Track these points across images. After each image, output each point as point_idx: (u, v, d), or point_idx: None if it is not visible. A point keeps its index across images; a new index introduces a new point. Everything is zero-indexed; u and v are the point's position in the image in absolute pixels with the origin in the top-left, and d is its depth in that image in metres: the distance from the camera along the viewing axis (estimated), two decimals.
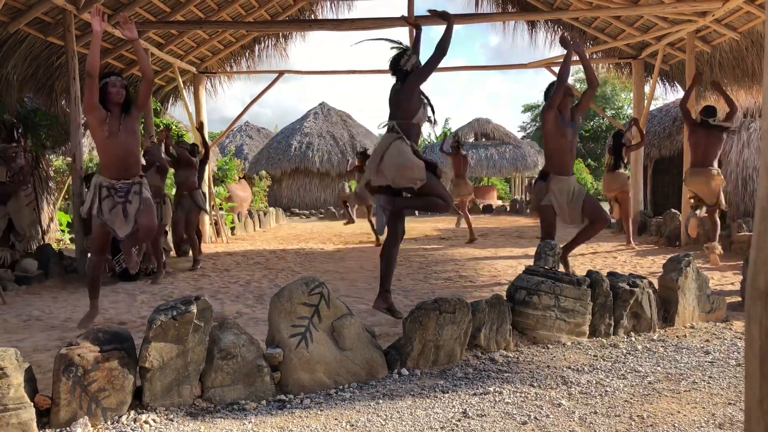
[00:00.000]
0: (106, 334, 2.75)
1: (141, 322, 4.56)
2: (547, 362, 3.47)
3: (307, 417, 2.73)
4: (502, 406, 2.81)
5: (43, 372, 3.19)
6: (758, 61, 8.59)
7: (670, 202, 12.37)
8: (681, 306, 4.26)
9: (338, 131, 24.04)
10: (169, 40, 9.85)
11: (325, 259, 8.75)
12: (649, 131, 13.13)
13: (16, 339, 4.16)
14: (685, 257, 4.40)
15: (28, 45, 7.72)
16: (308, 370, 3.06)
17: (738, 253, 7.90)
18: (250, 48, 11.53)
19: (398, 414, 2.74)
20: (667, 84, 11.33)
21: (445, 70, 12.29)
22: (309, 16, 10.93)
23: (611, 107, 32.69)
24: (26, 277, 6.55)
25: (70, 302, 5.67)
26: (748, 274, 0.90)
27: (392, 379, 3.22)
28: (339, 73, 12.50)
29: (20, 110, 8.24)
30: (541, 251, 6.18)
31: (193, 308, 2.82)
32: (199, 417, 2.72)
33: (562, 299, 3.81)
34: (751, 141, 11.49)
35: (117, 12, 8.11)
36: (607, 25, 10.24)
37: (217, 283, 6.65)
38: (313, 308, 3.13)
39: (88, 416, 2.60)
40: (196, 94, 11.51)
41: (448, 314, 3.37)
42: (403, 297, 5.54)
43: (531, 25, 10.83)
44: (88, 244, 7.36)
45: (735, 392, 2.95)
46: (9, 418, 2.41)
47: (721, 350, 3.68)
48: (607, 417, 2.67)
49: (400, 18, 7.32)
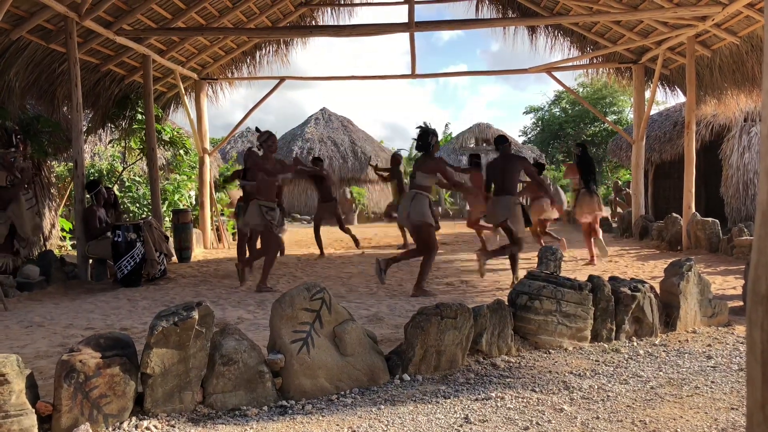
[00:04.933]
0: (108, 340, 2.75)
1: (143, 328, 4.56)
2: (548, 367, 3.46)
3: (308, 423, 2.73)
4: (504, 412, 2.81)
5: (45, 378, 3.19)
6: (758, 65, 8.59)
7: (671, 207, 12.37)
8: (683, 310, 4.26)
9: (339, 137, 24.06)
10: (171, 46, 9.89)
11: (326, 265, 8.75)
12: (650, 135, 13.14)
13: (18, 345, 4.16)
14: (687, 262, 4.39)
15: (30, 52, 7.75)
16: (310, 375, 3.05)
17: (739, 258, 7.88)
18: (251, 54, 11.55)
19: (400, 420, 2.73)
20: (668, 88, 11.35)
21: (447, 76, 12.32)
22: (310, 22, 10.97)
23: (613, 112, 32.73)
24: (28, 283, 6.56)
25: (71, 308, 5.67)
26: (749, 279, 0.90)
27: (394, 384, 3.22)
28: (340, 78, 12.53)
29: (22, 117, 8.26)
30: (543, 256, 6.19)
31: (195, 314, 2.82)
32: (200, 423, 2.72)
33: (563, 304, 3.80)
34: (752, 145, 11.50)
35: (119, 18, 8.15)
36: (608, 29, 10.26)
37: (219, 289, 6.65)
38: (315, 314, 3.13)
39: (90, 422, 2.60)
40: (197, 100, 11.54)
41: (449, 319, 3.37)
42: (404, 302, 5.53)
43: (531, 31, 10.85)
44: (90, 251, 7.39)
45: (737, 397, 2.95)
46: (11, 424, 2.40)
47: (724, 355, 3.67)
48: (610, 422, 2.66)
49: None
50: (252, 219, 6.66)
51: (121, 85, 10.11)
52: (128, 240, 6.95)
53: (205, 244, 11.18)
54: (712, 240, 8.72)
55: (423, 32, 10.45)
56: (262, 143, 6.64)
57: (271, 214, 6.56)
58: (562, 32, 10.84)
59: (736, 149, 11.62)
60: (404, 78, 11.88)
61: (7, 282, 6.31)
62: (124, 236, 6.95)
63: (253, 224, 6.71)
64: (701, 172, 12.57)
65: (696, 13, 8.01)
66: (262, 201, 6.60)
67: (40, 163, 8.74)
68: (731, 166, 11.63)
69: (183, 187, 12.53)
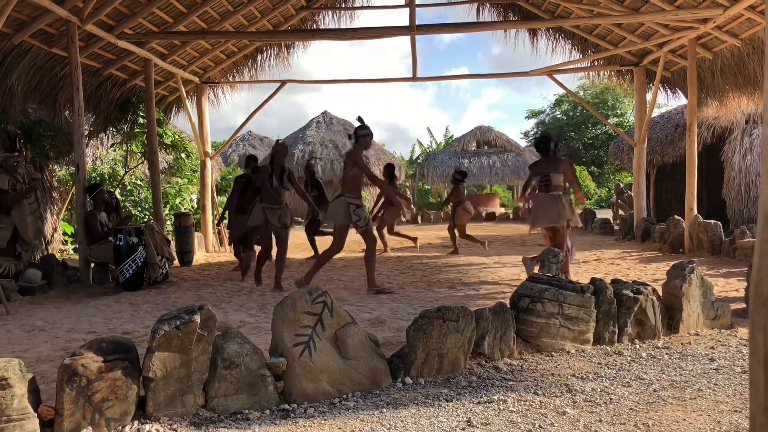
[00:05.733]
0: (110, 344, 2.75)
1: (144, 331, 4.56)
2: (551, 370, 3.46)
3: (310, 426, 2.72)
4: (507, 415, 2.80)
5: (47, 382, 3.19)
6: (759, 68, 8.59)
7: (673, 209, 12.36)
8: (685, 313, 4.25)
9: (340, 140, 24.08)
10: (172, 50, 9.91)
11: (328, 268, 8.75)
12: (651, 138, 13.14)
13: (20, 349, 4.16)
14: (689, 264, 4.38)
15: (32, 56, 7.78)
16: (312, 379, 3.05)
17: (742, 260, 7.87)
18: (252, 58, 11.58)
19: (402, 423, 2.73)
20: (669, 91, 11.35)
21: (448, 79, 12.34)
22: (311, 25, 10.99)
23: (615, 114, 32.74)
24: (30, 287, 6.56)
25: (73, 312, 5.67)
26: (751, 281, 0.89)
27: (396, 387, 3.21)
28: (341, 82, 12.56)
29: (24, 121, 8.28)
30: (545, 259, 6.18)
31: (197, 318, 2.82)
32: (202, 427, 2.72)
33: (565, 307, 3.80)
34: (754, 147, 11.49)
35: (120, 22, 8.17)
36: (609, 32, 10.26)
37: (220, 292, 6.65)
38: (317, 317, 3.13)
39: (92, 426, 2.60)
40: (198, 104, 11.56)
41: (451, 322, 3.36)
42: (406, 305, 5.53)
43: (532, 33, 10.87)
44: (92, 254, 7.40)
45: (741, 400, 2.94)
46: (13, 428, 2.41)
47: (726, 357, 3.66)
48: (612, 425, 2.66)
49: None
50: (336, 215, 6.21)
51: (123, 88, 10.14)
52: (130, 244, 6.95)
53: (206, 247, 11.19)
54: (715, 242, 8.70)
55: (424, 35, 10.46)
56: (360, 136, 6.15)
57: (357, 213, 6.15)
58: (563, 35, 10.85)
59: (737, 151, 11.62)
60: (405, 81, 11.90)
61: (9, 286, 6.32)
62: (125, 240, 6.95)
63: (338, 222, 6.23)
64: (703, 175, 12.57)
65: (697, 15, 8.02)
66: (349, 197, 6.18)
67: (41, 167, 8.76)
68: (733, 168, 11.63)
69: (185, 191, 12.55)
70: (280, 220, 6.79)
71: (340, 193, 6.34)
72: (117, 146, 11.52)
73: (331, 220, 6.45)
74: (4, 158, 6.97)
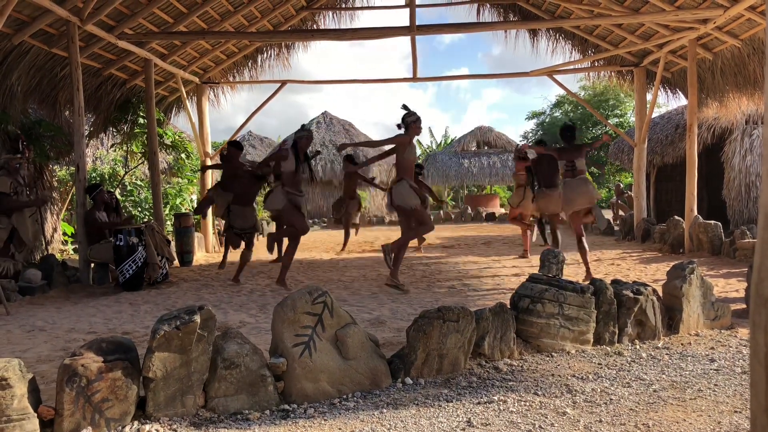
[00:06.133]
0: (110, 344, 2.75)
1: (144, 332, 4.56)
2: (551, 370, 3.46)
3: (310, 427, 2.72)
4: (507, 415, 2.80)
5: (47, 382, 3.19)
6: (760, 68, 8.59)
7: (673, 209, 12.36)
8: (685, 313, 4.25)
9: (341, 140, 24.07)
10: (172, 50, 9.91)
11: (328, 268, 8.75)
12: (652, 138, 13.13)
13: (20, 349, 4.16)
14: (689, 264, 4.38)
15: (32, 56, 7.78)
16: (312, 379, 3.05)
17: (742, 260, 7.87)
18: (252, 58, 11.58)
19: (402, 423, 2.73)
20: (669, 91, 11.35)
21: (448, 79, 12.34)
22: (311, 25, 10.99)
23: (615, 115, 32.74)
24: (30, 287, 6.56)
25: (73, 312, 5.67)
26: (752, 281, 0.89)
27: (396, 388, 3.21)
28: (341, 82, 12.56)
29: (24, 121, 8.28)
30: (545, 259, 6.19)
31: (197, 318, 2.82)
32: (202, 427, 2.72)
33: (565, 307, 3.80)
34: (754, 147, 11.50)
35: (120, 23, 8.17)
36: (609, 33, 10.26)
37: (220, 293, 6.65)
38: (317, 317, 3.13)
39: (92, 427, 2.60)
40: (199, 104, 11.56)
41: (451, 323, 3.36)
42: (406, 305, 5.53)
43: (533, 34, 10.87)
44: (91, 255, 7.40)
45: (741, 400, 2.94)
46: (12, 429, 2.40)
47: (727, 358, 3.66)
48: (612, 426, 2.66)
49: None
50: (407, 196, 6.24)
51: (123, 89, 10.14)
52: (130, 244, 6.95)
53: (206, 247, 11.19)
54: (715, 243, 8.70)
55: (424, 36, 10.48)
56: (411, 122, 6.22)
57: (419, 195, 6.31)
58: (563, 35, 10.85)
59: (737, 152, 11.62)
60: (406, 81, 11.89)
61: (9, 286, 6.32)
62: (125, 240, 6.95)
63: (411, 203, 6.24)
64: (703, 175, 12.57)
65: (697, 16, 8.02)
66: (410, 181, 6.30)
67: (41, 167, 8.76)
68: (733, 169, 11.63)
69: (185, 191, 12.55)
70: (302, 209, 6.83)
71: (400, 177, 6.40)
72: (117, 146, 11.52)
73: (405, 203, 6.39)
74: (7, 160, 6.97)
